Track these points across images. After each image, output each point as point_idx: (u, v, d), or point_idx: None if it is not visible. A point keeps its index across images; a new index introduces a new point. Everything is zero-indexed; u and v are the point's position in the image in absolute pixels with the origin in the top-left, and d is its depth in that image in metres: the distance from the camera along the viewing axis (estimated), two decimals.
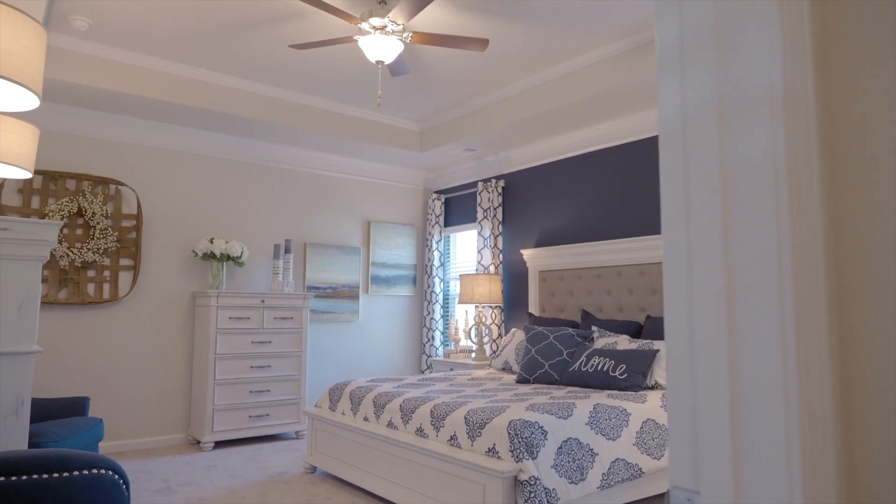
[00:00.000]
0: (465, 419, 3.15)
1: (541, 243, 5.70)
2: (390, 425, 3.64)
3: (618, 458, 3.17)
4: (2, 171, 2.87)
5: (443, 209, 6.75)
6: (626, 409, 3.36)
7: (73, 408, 4.05)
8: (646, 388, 3.85)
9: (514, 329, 5.28)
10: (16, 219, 1.95)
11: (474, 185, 6.49)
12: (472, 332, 6.02)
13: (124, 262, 5.02)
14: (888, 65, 0.63)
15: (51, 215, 4.65)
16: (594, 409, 3.25)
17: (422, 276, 6.86)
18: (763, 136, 0.63)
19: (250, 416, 5.12)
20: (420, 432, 3.40)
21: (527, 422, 2.95)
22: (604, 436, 3.17)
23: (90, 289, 4.84)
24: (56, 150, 4.77)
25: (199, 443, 5.10)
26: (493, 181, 6.06)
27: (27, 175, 3.17)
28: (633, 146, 4.95)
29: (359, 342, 6.33)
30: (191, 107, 4.74)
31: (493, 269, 5.96)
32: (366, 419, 3.87)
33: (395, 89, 5.11)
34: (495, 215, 6.01)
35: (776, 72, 0.63)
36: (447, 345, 6.68)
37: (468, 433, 3.10)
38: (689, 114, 0.70)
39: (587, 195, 5.31)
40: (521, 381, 4.35)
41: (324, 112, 5.43)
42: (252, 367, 5.16)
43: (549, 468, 2.88)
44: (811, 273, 0.60)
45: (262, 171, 5.82)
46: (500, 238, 6.02)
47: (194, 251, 5.19)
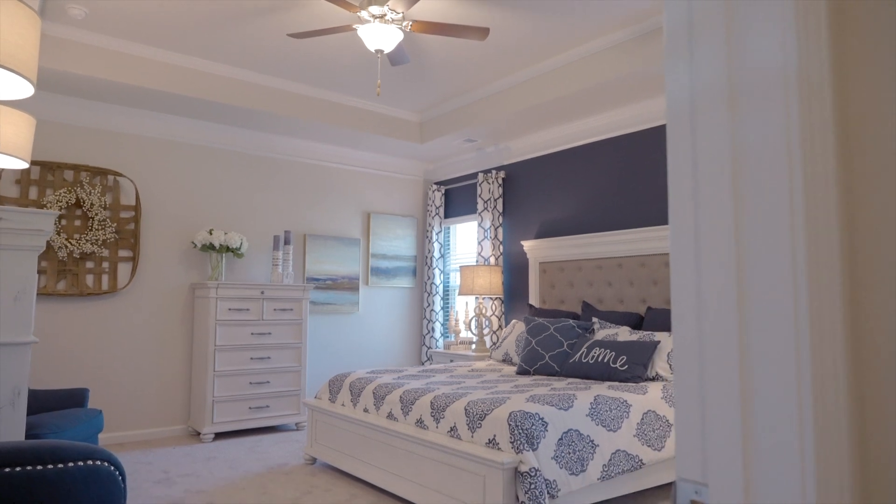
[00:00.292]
0: (466, 410, 3.14)
1: (541, 234, 5.68)
2: (390, 417, 3.63)
3: (618, 450, 3.17)
4: None
5: (443, 200, 6.73)
6: (626, 401, 3.35)
7: (73, 399, 4.04)
8: (646, 380, 3.84)
9: (514, 320, 5.27)
10: (12, 208, 1.93)
11: (474, 176, 6.46)
12: (473, 323, 6.01)
13: (123, 253, 5.00)
14: None
15: (49, 206, 4.62)
16: (595, 400, 3.24)
17: (422, 267, 6.84)
18: (776, 118, 0.61)
19: (250, 408, 5.12)
20: (420, 424, 3.39)
21: (527, 413, 2.94)
22: (604, 427, 3.16)
23: (89, 280, 4.82)
24: (53, 141, 4.74)
25: (199, 434, 5.09)
26: (494, 172, 6.03)
27: (24, 165, 3.15)
28: (635, 136, 4.92)
29: (359, 334, 6.32)
30: (189, 97, 4.70)
31: (493, 260, 5.95)
32: (366, 410, 3.86)
33: (394, 79, 5.07)
34: (496, 206, 5.98)
35: (790, 51, 0.60)
36: (447, 336, 6.67)
37: (468, 424, 3.09)
38: (698, 96, 0.68)
39: (588, 186, 5.28)
40: (522, 372, 4.34)
41: (323, 102, 5.40)
42: (252, 358, 5.15)
43: (549, 459, 2.87)
44: (826, 262, 0.58)
45: (262, 161, 5.79)
46: (501, 229, 6.00)
47: (193, 242, 5.17)
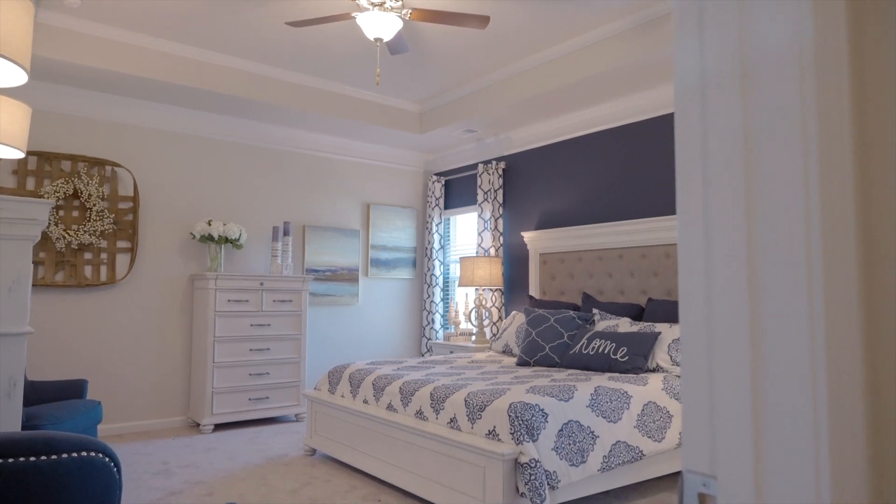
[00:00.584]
0: (466, 401, 3.13)
1: (542, 225, 5.66)
2: (390, 408, 3.62)
3: (619, 441, 3.16)
4: None
5: (443, 191, 6.70)
6: (627, 392, 3.34)
7: (71, 390, 4.03)
8: (647, 371, 3.82)
9: (514, 312, 5.25)
10: (6, 197, 1.91)
11: (475, 166, 6.43)
12: (473, 314, 5.99)
13: (121, 244, 4.97)
14: None
15: (46, 197, 4.59)
16: (595, 391, 3.23)
17: (422, 258, 6.82)
18: (791, 99, 0.59)
19: (250, 399, 5.11)
20: (420, 415, 3.38)
21: (527, 404, 2.92)
22: (605, 418, 3.15)
23: (87, 271, 4.80)
24: (50, 131, 4.71)
25: (198, 425, 5.09)
26: (494, 163, 6.00)
27: (20, 154, 3.12)
28: (636, 126, 4.88)
29: (358, 325, 6.31)
30: (186, 87, 4.67)
31: (493, 251, 5.92)
32: (365, 402, 3.85)
33: (394, 69, 5.03)
34: (496, 197, 5.96)
35: (806, 28, 0.58)
36: (447, 328, 6.66)
37: (468, 415, 3.08)
38: (709, 75, 0.65)
39: (589, 177, 5.25)
40: (522, 363, 4.33)
41: (322, 92, 5.36)
42: (251, 349, 5.14)
43: (549, 451, 2.86)
44: (842, 248, 0.56)
45: (260, 152, 5.76)
46: (501, 220, 5.97)
47: (192, 233, 5.15)
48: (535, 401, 2.97)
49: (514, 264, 5.93)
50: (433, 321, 6.53)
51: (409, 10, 3.57)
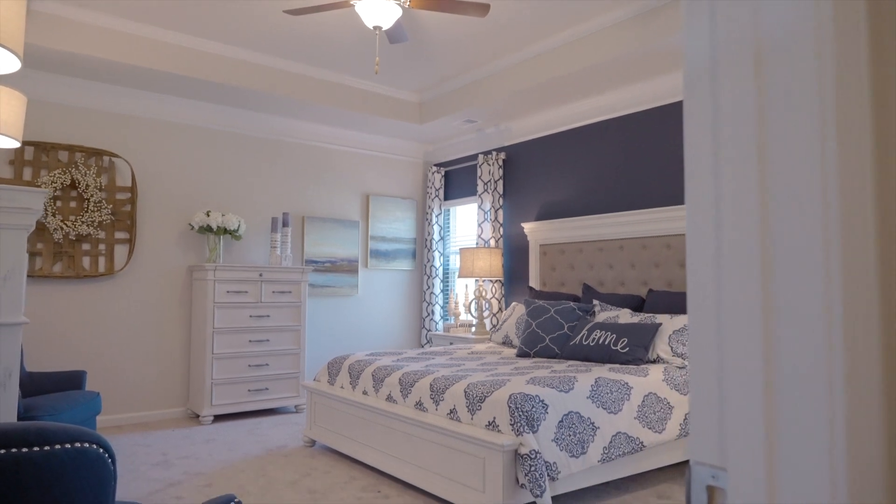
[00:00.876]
0: (465, 393, 3.12)
1: (542, 216, 5.63)
2: (389, 399, 3.61)
3: (619, 432, 3.15)
4: None
5: (442, 182, 6.67)
6: (627, 383, 3.33)
7: (70, 382, 4.02)
8: (648, 362, 3.81)
9: (514, 303, 5.24)
10: (1, 186, 1.88)
11: (475, 157, 6.39)
12: (472, 306, 5.98)
13: (119, 235, 4.95)
14: None
15: (43, 187, 4.56)
16: (595, 382, 3.22)
17: (421, 250, 6.80)
18: (808, 79, 0.56)
19: (249, 390, 5.11)
20: (419, 406, 3.37)
21: (527, 395, 2.91)
22: (605, 409, 3.14)
23: (85, 262, 4.78)
24: (47, 121, 4.67)
25: (197, 416, 5.09)
26: (494, 153, 5.96)
27: (15, 144, 3.09)
28: (638, 116, 4.85)
29: (358, 316, 6.29)
30: (184, 76, 4.62)
31: (493, 242, 5.90)
32: (365, 393, 3.84)
33: (393, 58, 4.99)
34: (496, 188, 5.93)
35: (825, 4, 0.55)
36: (447, 319, 6.65)
37: (468, 407, 3.07)
38: (721, 52, 0.63)
39: (590, 167, 5.22)
40: (522, 354, 4.32)
41: (321, 82, 5.31)
42: (250, 340, 5.12)
43: (549, 442, 2.85)
44: (861, 234, 0.54)
45: (259, 142, 5.72)
46: (501, 211, 5.95)
47: (190, 224, 5.12)
48: (535, 392, 2.96)
49: (515, 255, 5.91)
50: (433, 312, 6.52)
51: None
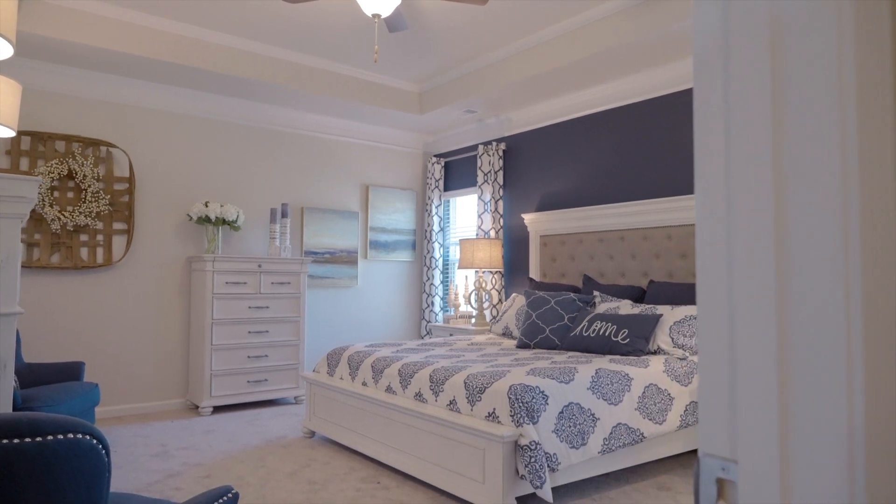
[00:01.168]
0: (465, 384, 3.10)
1: (542, 207, 5.60)
2: (389, 390, 3.60)
3: (619, 423, 3.13)
4: None
5: (442, 173, 6.63)
6: (628, 374, 3.31)
7: (68, 373, 4.01)
8: (648, 353, 3.80)
9: (514, 294, 5.22)
10: None
11: (475, 148, 6.36)
12: (472, 297, 5.96)
13: (118, 225, 4.92)
14: None
15: (41, 177, 4.53)
16: (596, 373, 3.20)
17: (421, 241, 6.78)
18: (827, 61, 0.53)
19: (249, 382, 5.10)
20: (419, 397, 3.36)
21: (528, 386, 2.90)
22: (605, 401, 3.12)
23: (83, 253, 4.76)
24: (44, 111, 4.63)
25: (197, 408, 5.08)
26: (494, 144, 5.93)
27: (10, 133, 3.06)
28: (639, 106, 4.81)
29: (357, 308, 6.28)
30: (181, 65, 4.58)
31: (493, 233, 5.88)
32: (364, 384, 3.83)
33: (393, 48, 4.94)
34: (496, 179, 5.89)
35: None
36: (447, 310, 6.64)
37: (468, 398, 3.05)
38: (733, 35, 0.60)
39: (591, 157, 5.19)
40: (522, 346, 4.30)
41: (320, 72, 5.27)
42: (250, 332, 5.11)
43: (550, 433, 2.84)
44: (882, 221, 0.51)
45: (257, 133, 5.68)
46: (501, 202, 5.92)
47: (189, 215, 5.09)
48: (535, 383, 2.95)
49: (515, 246, 5.88)
50: (433, 304, 6.50)
51: None
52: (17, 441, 1.03)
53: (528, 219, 5.55)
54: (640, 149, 4.78)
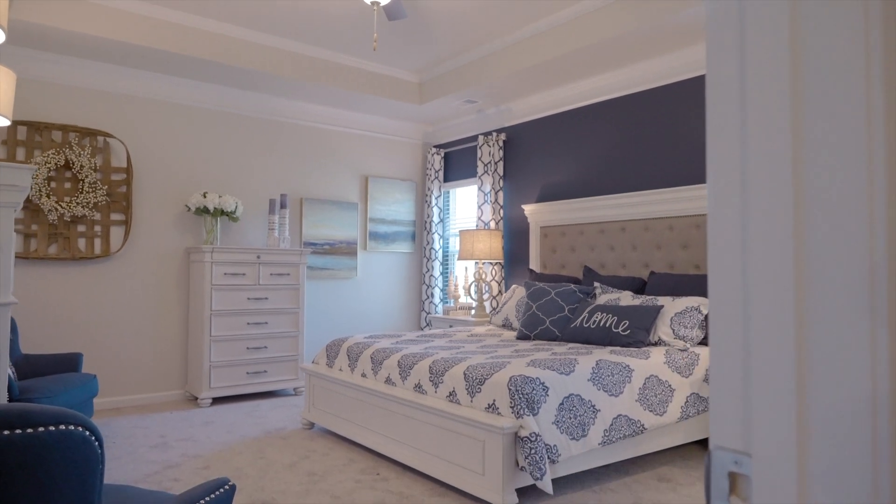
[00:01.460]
0: (465, 375, 3.08)
1: (543, 198, 5.57)
2: (388, 381, 3.58)
3: (620, 415, 3.12)
4: None
5: (442, 164, 6.59)
6: (628, 366, 3.29)
7: (66, 364, 3.99)
8: (649, 345, 3.78)
9: (514, 285, 5.20)
10: None
11: (475, 138, 6.31)
12: (472, 288, 5.94)
13: (115, 216, 4.89)
14: None
15: (37, 167, 4.49)
16: (596, 365, 3.18)
17: (421, 232, 6.75)
18: (852, 33, 0.51)
19: (248, 373, 5.08)
20: (418, 388, 3.34)
21: (528, 377, 2.88)
22: (606, 392, 3.10)
23: (81, 244, 4.73)
24: (40, 100, 4.59)
25: (196, 399, 5.07)
26: (494, 134, 5.88)
27: (5, 122, 3.02)
28: (641, 96, 4.77)
29: (357, 299, 6.26)
30: (179, 55, 4.53)
31: (493, 224, 5.85)
32: (363, 375, 3.81)
33: (392, 37, 4.89)
34: (496, 170, 5.86)
35: None
36: (446, 302, 6.62)
37: (467, 389, 3.04)
38: (750, 7, 0.57)
39: (592, 148, 5.15)
40: (522, 337, 4.28)
41: (319, 61, 5.22)
42: (249, 323, 5.09)
43: (550, 424, 2.83)
44: None
45: (256, 123, 5.64)
46: (501, 193, 5.88)
47: (187, 206, 5.06)
48: (535, 374, 2.93)
49: (515, 237, 5.85)
50: (432, 295, 6.48)
51: None
52: (7, 433, 1.01)
53: (528, 210, 5.51)
54: (642, 139, 4.74)
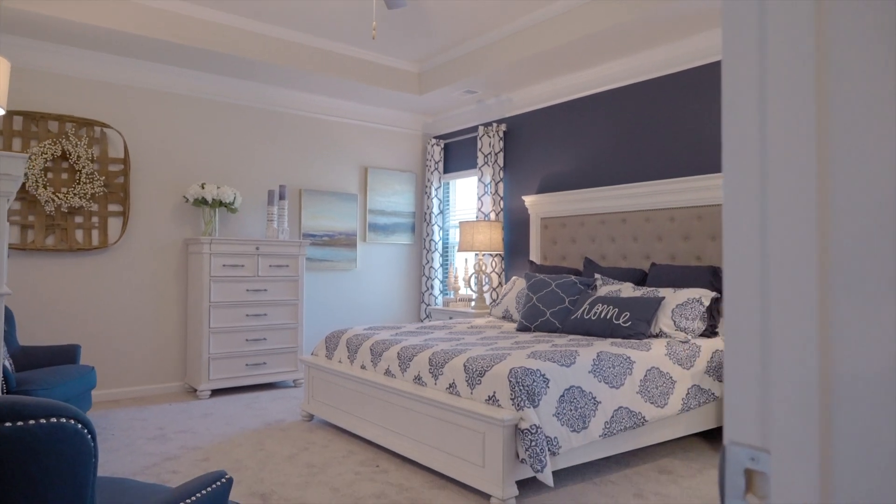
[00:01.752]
0: (465, 367, 3.06)
1: (543, 189, 5.54)
2: (388, 373, 3.56)
3: (621, 407, 3.10)
4: None
5: (442, 155, 6.55)
6: (629, 357, 3.27)
7: (64, 356, 3.97)
8: (650, 337, 3.76)
9: (514, 277, 5.17)
10: None
11: (475, 129, 6.27)
12: (472, 280, 5.92)
13: (113, 207, 4.85)
14: None
15: (33, 158, 4.45)
16: (597, 356, 3.16)
17: (420, 223, 6.72)
18: (882, 10, 0.48)
19: (247, 365, 5.06)
20: (418, 380, 3.32)
21: (528, 369, 2.86)
22: (607, 384, 3.09)
23: (78, 235, 4.69)
24: (37, 90, 4.54)
25: (195, 391, 5.05)
26: (494, 125, 5.84)
27: (0, 111, 2.98)
28: (643, 86, 4.72)
29: (356, 291, 6.23)
30: (177, 44, 4.48)
31: (493, 216, 5.82)
32: (363, 367, 3.79)
33: (392, 27, 4.84)
34: (496, 161, 5.82)
35: None
36: (446, 293, 6.60)
37: (468, 381, 3.02)
38: None
39: (592, 139, 5.11)
40: (522, 329, 4.26)
41: (318, 50, 5.17)
42: (247, 315, 5.07)
43: (550, 416, 2.81)
44: None
45: (254, 113, 5.59)
46: (501, 184, 5.85)
47: (185, 197, 5.02)
48: (536, 366, 2.91)
49: (515, 229, 5.83)
50: (432, 287, 6.46)
51: None
52: None
53: (528, 201, 5.48)
54: (644, 129, 4.70)
